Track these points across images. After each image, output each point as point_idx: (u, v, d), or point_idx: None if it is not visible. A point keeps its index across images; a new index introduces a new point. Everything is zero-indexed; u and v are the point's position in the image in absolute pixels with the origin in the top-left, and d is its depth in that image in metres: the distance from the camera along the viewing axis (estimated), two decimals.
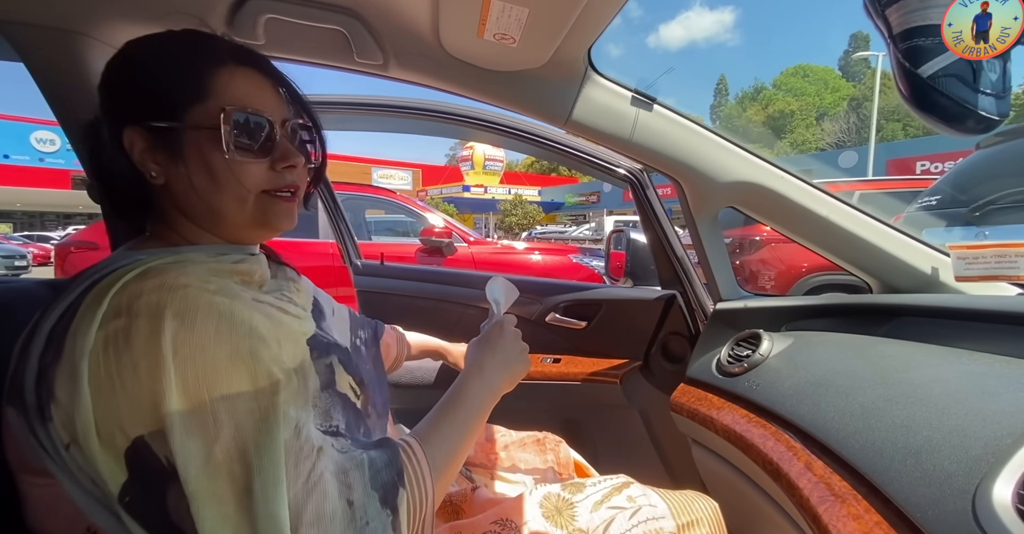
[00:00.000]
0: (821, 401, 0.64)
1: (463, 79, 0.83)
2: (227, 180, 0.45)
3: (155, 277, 0.39)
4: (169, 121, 0.44)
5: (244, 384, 0.37)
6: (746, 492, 0.75)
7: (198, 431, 0.35)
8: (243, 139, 0.45)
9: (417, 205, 3.91)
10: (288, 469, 0.36)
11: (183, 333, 0.36)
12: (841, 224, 0.89)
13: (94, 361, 0.35)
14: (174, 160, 0.45)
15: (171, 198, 0.47)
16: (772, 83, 50.69)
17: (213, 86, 0.45)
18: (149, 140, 0.45)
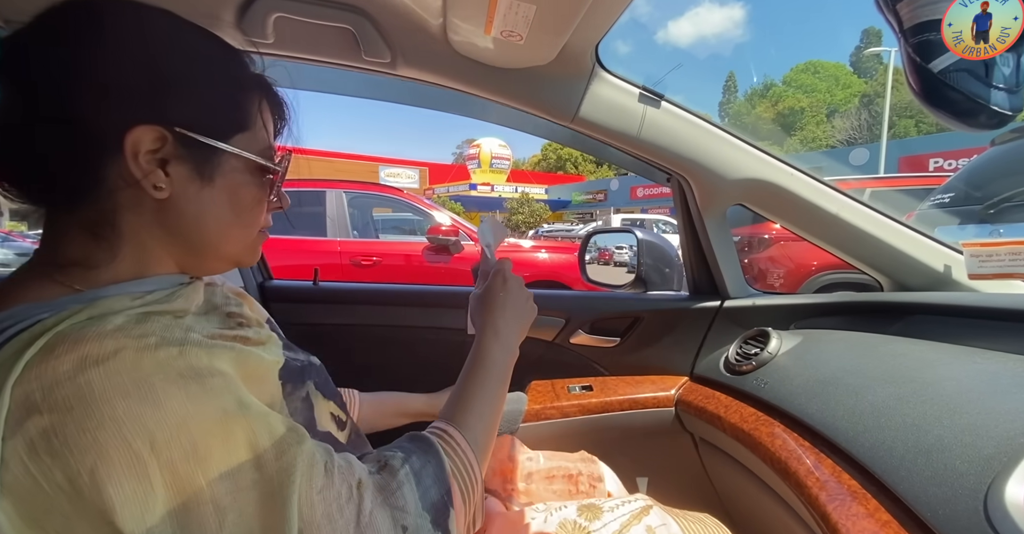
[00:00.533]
0: (830, 399, 0.63)
1: (470, 76, 0.83)
2: (249, 219, 0.43)
3: (69, 352, 0.28)
4: (216, 139, 0.39)
5: (244, 450, 0.31)
6: (753, 491, 0.75)
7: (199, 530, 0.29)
8: (279, 179, 0.44)
9: (424, 203, 3.92)
10: (335, 520, 0.33)
11: (150, 413, 0.28)
12: (851, 221, 0.88)
13: (17, 492, 0.27)
14: (200, 181, 0.39)
15: (160, 217, 0.38)
16: (782, 80, 50.16)
17: (255, 117, 0.42)
18: (170, 148, 0.37)
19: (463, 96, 0.89)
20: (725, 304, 1.00)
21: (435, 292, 1.17)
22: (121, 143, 0.35)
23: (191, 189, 0.39)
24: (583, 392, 1.00)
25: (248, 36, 0.75)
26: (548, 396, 0.99)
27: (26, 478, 0.27)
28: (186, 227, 0.40)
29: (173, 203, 0.38)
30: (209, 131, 0.38)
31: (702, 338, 1.00)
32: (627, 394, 0.98)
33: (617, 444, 0.91)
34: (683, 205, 1.01)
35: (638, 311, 1.05)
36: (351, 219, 3.52)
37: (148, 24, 0.38)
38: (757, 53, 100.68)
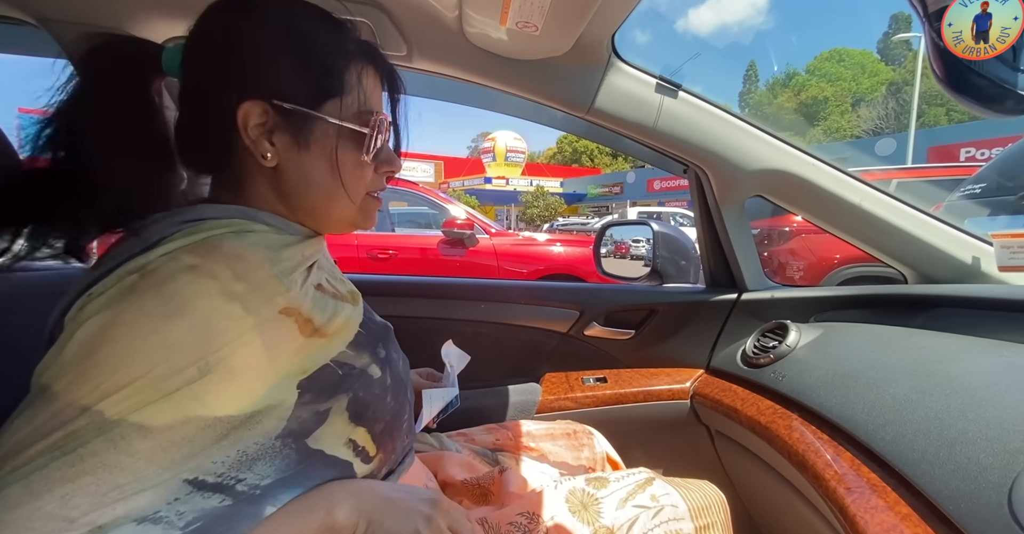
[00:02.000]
0: (850, 392, 0.62)
1: (485, 68, 0.83)
2: (350, 177, 0.45)
3: (197, 254, 0.36)
4: (308, 107, 0.42)
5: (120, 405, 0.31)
6: (770, 483, 0.75)
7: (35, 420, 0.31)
8: (377, 142, 0.46)
9: (439, 197, 3.94)
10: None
11: (152, 323, 0.33)
12: (875, 212, 0.86)
13: (84, 310, 0.34)
14: (298, 148, 0.43)
15: (275, 183, 0.44)
16: (805, 68, 48.68)
17: (350, 81, 0.44)
18: (273, 119, 0.42)
19: (478, 88, 0.89)
20: (743, 297, 0.99)
21: (452, 284, 1.18)
22: (235, 117, 0.41)
23: (293, 156, 0.43)
24: (597, 384, 1.01)
25: None
26: (562, 387, 1.00)
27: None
28: (294, 190, 0.44)
29: (281, 169, 0.44)
30: (300, 100, 0.42)
31: (719, 331, 1.00)
32: (642, 386, 0.98)
33: (631, 436, 0.91)
34: (700, 197, 0.99)
35: (653, 303, 1.04)
36: None
37: (264, 15, 0.43)
38: (780, 41, 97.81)
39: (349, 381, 0.43)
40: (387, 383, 0.47)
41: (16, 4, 0.72)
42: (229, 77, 0.42)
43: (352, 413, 0.43)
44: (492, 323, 1.07)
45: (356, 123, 0.44)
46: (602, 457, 0.78)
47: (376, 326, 0.51)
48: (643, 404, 0.97)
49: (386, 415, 0.46)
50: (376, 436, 0.45)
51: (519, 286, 1.17)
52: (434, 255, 3.47)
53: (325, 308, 0.42)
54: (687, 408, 0.96)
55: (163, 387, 0.32)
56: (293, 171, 0.44)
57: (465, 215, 3.65)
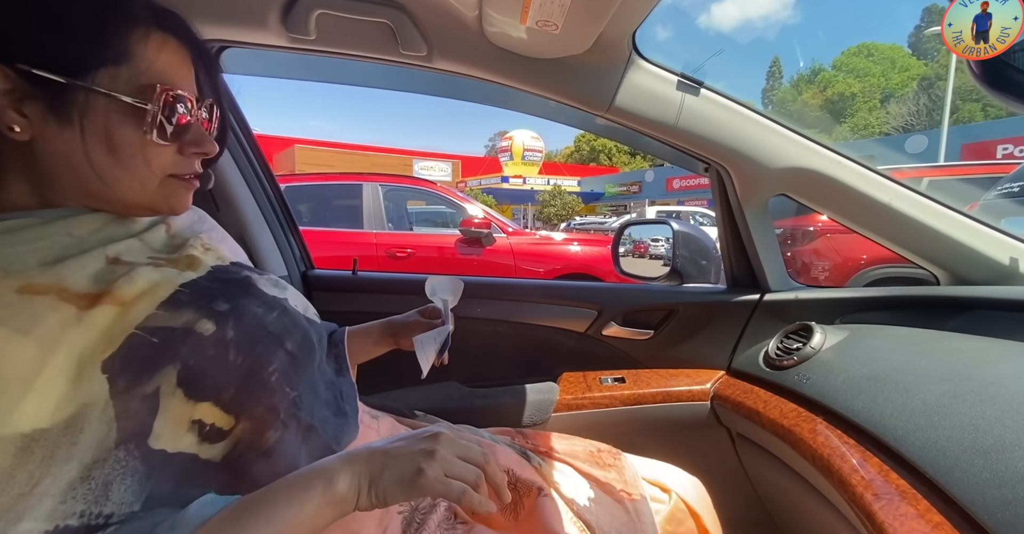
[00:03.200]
0: (878, 397, 0.60)
1: (504, 68, 0.83)
2: (134, 161, 0.40)
3: None
4: (68, 76, 0.36)
5: None
6: (793, 488, 0.73)
7: None
8: (163, 120, 0.40)
9: (457, 196, 3.96)
10: None
11: None
12: (905, 212, 0.83)
13: None
14: (59, 122, 0.37)
15: (26, 159, 0.38)
16: (832, 64, 47.34)
17: (134, 50, 0.39)
18: (19, 86, 0.36)
19: (497, 87, 0.89)
20: (765, 297, 0.97)
21: (469, 283, 1.18)
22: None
23: (51, 129, 0.37)
24: (615, 384, 1.00)
25: (292, 33, 0.78)
26: (580, 387, 1.00)
27: None
28: (58, 168, 0.39)
29: (35, 146, 0.38)
30: (57, 67, 0.36)
31: (740, 332, 0.98)
32: (661, 387, 0.97)
33: (650, 437, 0.90)
34: (722, 195, 0.98)
35: (673, 303, 1.03)
36: (386, 212, 3.60)
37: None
38: (806, 36, 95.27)
39: (172, 348, 0.37)
40: (227, 337, 0.40)
41: None
42: (36, 46, 0.36)
43: (186, 388, 0.37)
44: (510, 322, 1.07)
45: (135, 97, 0.38)
46: (636, 480, 0.69)
47: (217, 283, 0.44)
48: (662, 405, 0.96)
49: (234, 377, 0.40)
50: (228, 404, 0.40)
51: (537, 285, 1.17)
52: (451, 254, 3.50)
53: (111, 278, 0.37)
54: (707, 410, 0.94)
55: None
56: (50, 146, 0.38)
57: (482, 214, 3.67)
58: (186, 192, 0.45)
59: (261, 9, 0.76)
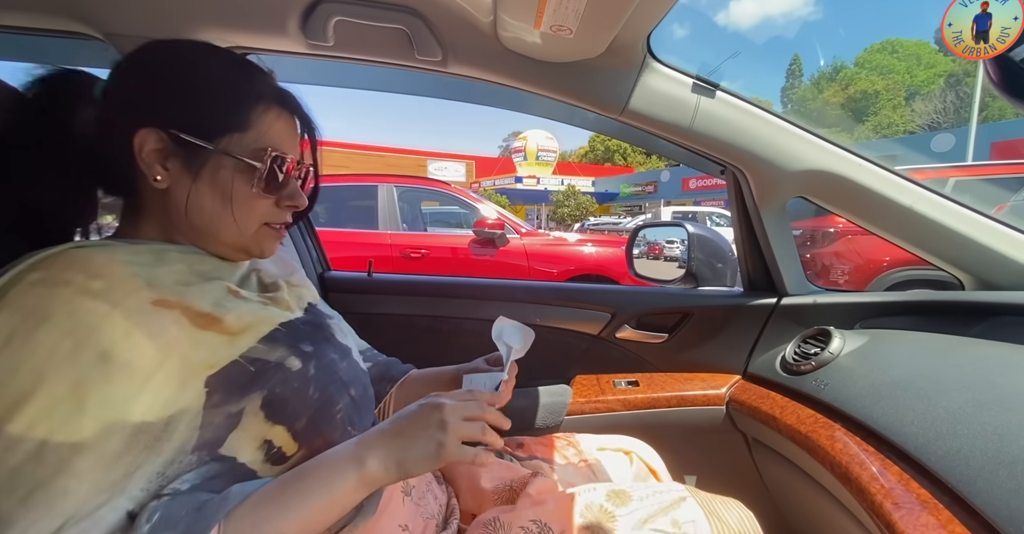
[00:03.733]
0: (899, 404, 0.59)
1: (518, 72, 0.83)
2: (240, 209, 0.47)
3: (43, 268, 0.37)
4: (204, 140, 0.45)
5: (39, 431, 0.32)
6: (810, 495, 0.72)
7: None
8: (270, 179, 0.48)
9: (470, 197, 3.97)
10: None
11: (18, 339, 0.34)
12: (928, 215, 0.82)
13: None
14: (189, 175, 0.46)
15: (164, 204, 0.47)
16: (854, 61, 46.24)
17: (255, 122, 0.47)
18: (167, 146, 0.45)
19: (511, 91, 0.90)
20: (782, 301, 0.96)
21: (483, 285, 1.19)
22: (132, 143, 0.44)
23: (184, 181, 0.46)
24: (629, 387, 0.99)
25: (311, 40, 0.80)
26: (593, 390, 0.99)
27: None
28: (182, 213, 0.46)
29: (171, 192, 0.46)
30: (195, 132, 0.45)
31: (757, 336, 0.97)
32: (675, 391, 0.96)
33: (664, 441, 0.90)
34: (738, 198, 0.97)
35: (688, 307, 1.02)
36: (401, 212, 3.63)
37: (177, 55, 0.48)
38: (827, 33, 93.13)
39: (264, 377, 0.43)
40: (309, 374, 0.47)
41: (85, 21, 0.77)
42: (133, 106, 0.45)
43: (269, 411, 0.43)
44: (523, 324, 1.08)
45: (251, 158, 0.47)
46: (589, 451, 0.76)
47: (304, 325, 0.52)
48: (677, 409, 0.95)
49: (308, 409, 0.46)
50: (298, 433, 0.45)
51: (550, 287, 1.17)
52: (465, 254, 3.51)
53: (228, 307, 0.44)
54: (723, 414, 0.93)
55: (72, 395, 0.33)
56: (181, 194, 0.46)
57: (496, 215, 3.68)
58: (275, 239, 0.52)
59: (281, 17, 0.77)
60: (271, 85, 0.50)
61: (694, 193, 20.99)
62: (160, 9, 0.76)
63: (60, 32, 0.81)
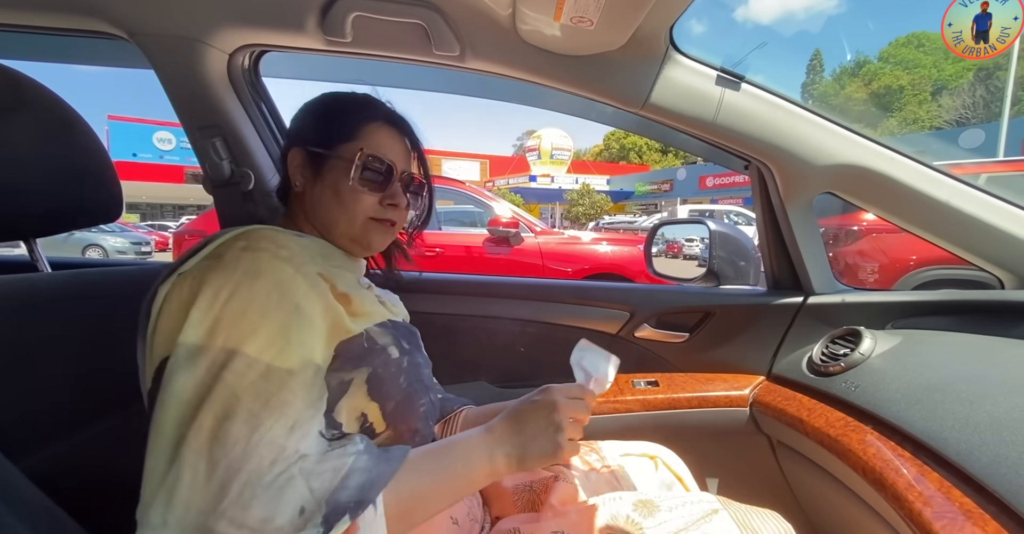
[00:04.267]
0: (937, 407, 0.57)
1: (537, 66, 0.82)
2: (346, 199, 0.57)
3: (245, 239, 0.47)
4: (323, 149, 0.58)
5: (265, 356, 0.41)
6: (840, 500, 0.69)
7: (196, 373, 0.39)
8: (367, 175, 0.58)
9: (485, 195, 3.97)
10: (264, 464, 0.37)
11: (244, 287, 0.42)
12: (966, 210, 0.78)
13: (172, 291, 0.43)
14: (315, 177, 0.59)
15: (302, 204, 0.60)
16: (878, 55, 45.00)
17: (361, 133, 0.59)
18: (305, 159, 0.59)
19: (528, 85, 0.89)
20: (809, 300, 0.93)
21: (498, 282, 1.18)
22: (287, 162, 0.61)
23: (312, 183, 0.59)
24: (648, 387, 0.97)
25: (329, 36, 0.80)
26: (611, 390, 0.98)
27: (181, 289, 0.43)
28: (311, 208, 0.59)
29: (305, 194, 0.60)
30: (319, 145, 0.59)
31: (782, 336, 0.94)
32: (696, 391, 0.94)
33: (685, 442, 0.88)
34: (763, 194, 0.94)
35: (709, 305, 1.00)
36: None
37: (318, 99, 0.63)
38: (850, 27, 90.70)
39: (372, 355, 0.51)
40: (403, 365, 0.55)
41: (111, 21, 0.79)
42: (290, 137, 0.63)
43: (370, 386, 0.50)
44: (539, 322, 1.06)
45: (349, 158, 0.57)
46: (612, 456, 0.74)
47: (404, 327, 0.60)
48: (698, 410, 0.93)
49: (398, 395, 0.53)
50: (387, 414, 0.52)
51: (567, 286, 1.15)
52: (479, 253, 3.51)
53: (356, 293, 0.54)
54: (746, 416, 0.91)
55: (283, 333, 0.42)
56: (312, 195, 0.59)
57: (510, 213, 3.66)
58: (382, 234, 0.61)
59: (299, 13, 0.77)
60: (382, 108, 0.63)
61: (711, 191, 20.68)
62: (182, 9, 0.77)
63: (87, 32, 0.82)
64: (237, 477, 0.36)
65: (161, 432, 0.38)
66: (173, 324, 0.41)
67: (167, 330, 0.42)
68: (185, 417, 0.37)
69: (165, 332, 0.42)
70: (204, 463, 0.36)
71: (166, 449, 0.37)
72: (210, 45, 0.82)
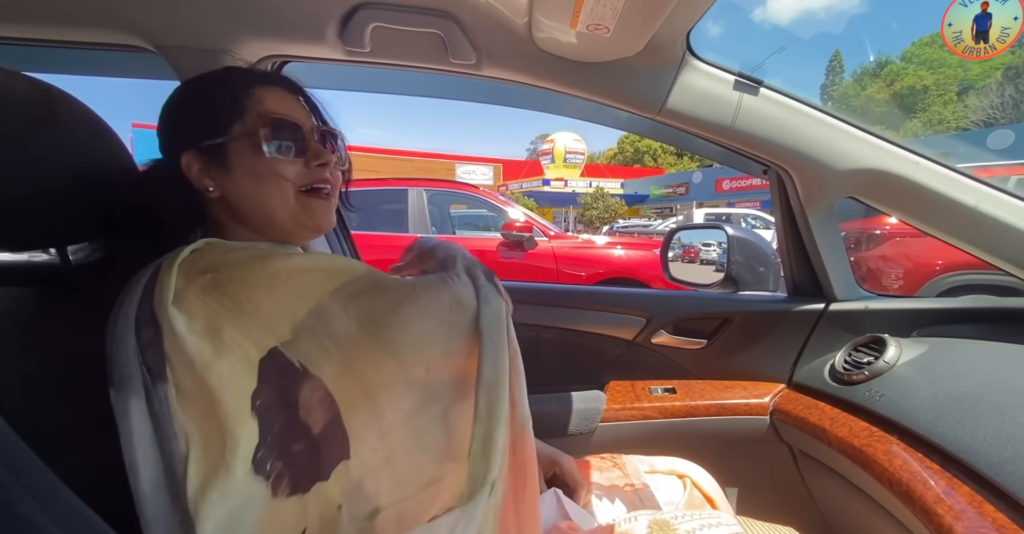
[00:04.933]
0: (967, 418, 0.55)
1: (553, 73, 0.83)
2: (270, 179, 0.50)
3: (216, 251, 0.45)
4: (219, 137, 0.50)
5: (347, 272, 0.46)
6: (865, 512, 0.68)
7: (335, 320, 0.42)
8: (279, 141, 0.51)
9: (498, 200, 3.98)
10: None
11: (271, 265, 0.43)
12: (995, 215, 0.76)
13: (194, 309, 0.40)
14: (226, 172, 0.51)
15: (226, 208, 0.52)
16: (901, 55, 44.03)
17: (247, 103, 0.51)
18: (203, 160, 0.51)
19: (543, 92, 0.89)
20: (831, 307, 0.91)
21: (511, 288, 1.18)
22: (180, 169, 0.51)
23: (227, 181, 0.51)
24: (665, 394, 0.96)
25: (348, 47, 0.82)
26: (628, 397, 0.97)
27: (206, 310, 0.41)
28: (239, 209, 0.52)
29: (224, 197, 0.51)
30: (212, 135, 0.50)
31: (803, 343, 0.92)
32: (715, 399, 0.93)
33: (704, 451, 0.86)
34: (783, 199, 0.93)
35: (728, 312, 0.99)
36: (430, 216, 3.68)
37: (175, 93, 0.55)
38: (871, 27, 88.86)
39: None
40: None
41: (139, 34, 0.81)
42: (168, 146, 0.53)
43: None
44: (555, 328, 1.06)
45: (253, 132, 0.50)
46: (636, 474, 0.73)
47: None
48: (716, 418, 0.91)
49: None
50: None
51: (583, 291, 1.15)
52: (493, 257, 3.52)
53: None
54: (766, 424, 0.89)
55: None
56: (232, 193, 0.51)
57: (524, 218, 3.67)
58: (323, 206, 0.54)
59: (320, 25, 0.79)
60: (253, 73, 0.56)
61: (728, 194, 20.41)
62: (208, 22, 0.80)
63: (116, 46, 0.85)
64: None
65: (365, 356, 0.43)
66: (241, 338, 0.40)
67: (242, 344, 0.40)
68: (370, 332, 0.43)
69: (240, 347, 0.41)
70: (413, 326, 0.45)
71: (383, 355, 0.43)
72: (234, 56, 0.85)
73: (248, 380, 0.39)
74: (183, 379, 0.39)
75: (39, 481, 0.40)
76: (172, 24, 0.80)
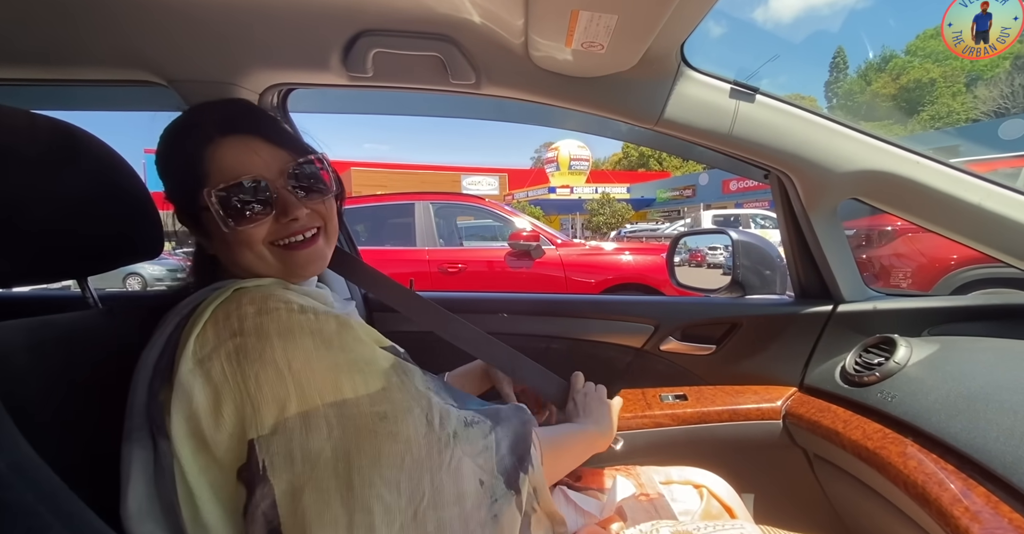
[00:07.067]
0: (980, 418, 0.55)
1: (551, 89, 0.85)
2: (239, 247, 0.50)
3: (249, 304, 0.44)
4: (190, 208, 0.52)
5: (350, 391, 0.43)
6: (883, 515, 0.67)
7: (316, 432, 0.40)
8: (238, 208, 0.48)
9: (504, 210, 4.01)
10: (433, 456, 0.43)
11: (291, 348, 0.42)
12: (1000, 211, 0.76)
13: (212, 372, 0.41)
14: (207, 237, 0.53)
15: (222, 263, 0.54)
16: (905, 49, 43.68)
17: (206, 167, 0.49)
18: (188, 224, 0.54)
19: (543, 107, 0.91)
20: (839, 308, 0.90)
21: (519, 300, 1.19)
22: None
23: (211, 244, 0.53)
24: (677, 401, 0.96)
25: (352, 73, 0.84)
26: (639, 405, 0.97)
27: (222, 376, 0.41)
28: (231, 266, 0.53)
29: (217, 256, 0.54)
30: (183, 205, 0.53)
31: (812, 345, 0.92)
32: (726, 405, 0.92)
33: (717, 457, 0.86)
34: (785, 202, 0.93)
35: (736, 316, 0.99)
36: (438, 228, 3.71)
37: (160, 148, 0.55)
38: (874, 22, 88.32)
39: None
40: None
41: (151, 69, 0.85)
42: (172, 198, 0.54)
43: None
44: (563, 338, 1.07)
45: (223, 188, 0.48)
46: (650, 484, 0.73)
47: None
48: (729, 423, 0.91)
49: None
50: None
51: (590, 300, 1.16)
52: (501, 267, 3.54)
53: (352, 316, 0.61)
54: (779, 429, 0.89)
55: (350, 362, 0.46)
56: (218, 253, 0.53)
57: (530, 227, 3.69)
58: (304, 256, 0.53)
59: (324, 53, 0.82)
60: (207, 121, 0.51)
61: (735, 195, 20.27)
62: (217, 55, 0.83)
63: (131, 82, 0.89)
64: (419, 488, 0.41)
65: (320, 488, 0.39)
66: (236, 417, 0.40)
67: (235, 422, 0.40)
68: (339, 468, 0.40)
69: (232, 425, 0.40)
70: (382, 490, 0.40)
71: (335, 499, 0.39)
72: (242, 87, 0.88)
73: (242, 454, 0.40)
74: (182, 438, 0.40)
75: (68, 508, 0.41)
76: (183, 58, 0.84)
